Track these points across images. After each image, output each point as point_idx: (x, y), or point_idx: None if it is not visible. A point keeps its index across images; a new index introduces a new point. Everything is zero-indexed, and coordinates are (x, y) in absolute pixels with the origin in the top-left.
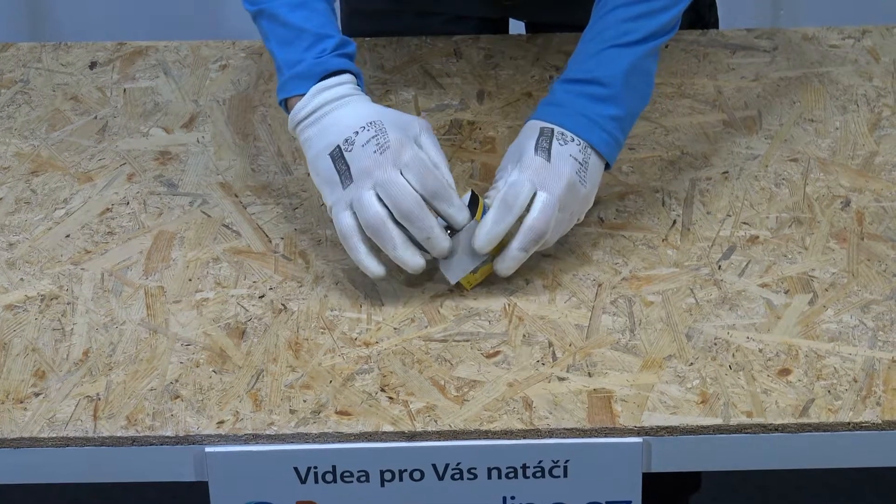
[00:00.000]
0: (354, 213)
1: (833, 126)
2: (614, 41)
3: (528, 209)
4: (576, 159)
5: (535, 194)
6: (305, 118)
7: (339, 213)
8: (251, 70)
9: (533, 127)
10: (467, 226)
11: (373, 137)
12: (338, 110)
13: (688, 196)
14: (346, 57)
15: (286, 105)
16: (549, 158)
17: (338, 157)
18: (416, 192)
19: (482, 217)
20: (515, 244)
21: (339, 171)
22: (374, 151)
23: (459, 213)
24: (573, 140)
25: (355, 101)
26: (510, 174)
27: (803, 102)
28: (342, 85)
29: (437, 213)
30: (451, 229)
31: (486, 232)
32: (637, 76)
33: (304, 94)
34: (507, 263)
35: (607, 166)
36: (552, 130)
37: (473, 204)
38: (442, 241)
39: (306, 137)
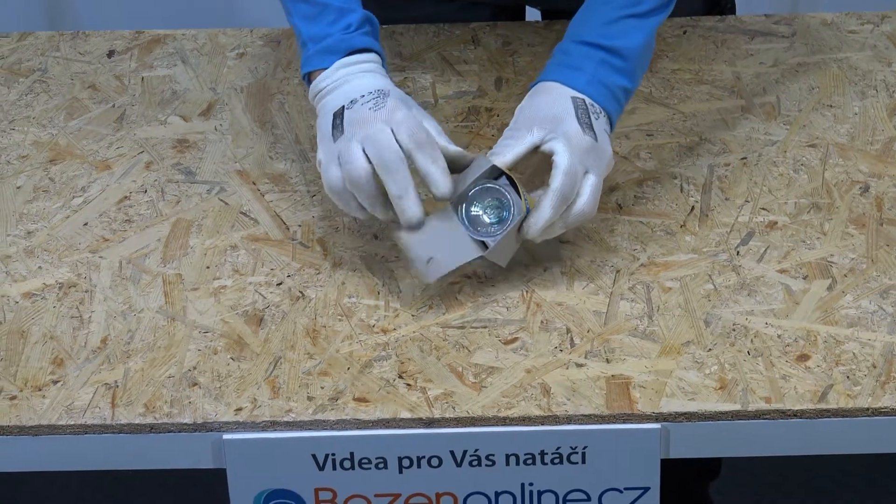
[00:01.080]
0: (341, 166)
1: (852, 111)
2: (629, 10)
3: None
4: (607, 133)
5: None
6: (324, 88)
7: (327, 166)
8: (269, 58)
9: (563, 94)
10: (516, 217)
11: (374, 98)
12: (355, 77)
13: (706, 182)
14: (370, 36)
15: (309, 78)
16: (595, 138)
17: (338, 114)
18: (401, 147)
19: (543, 203)
20: (561, 224)
21: (333, 126)
22: (370, 109)
23: (442, 178)
24: (602, 113)
25: (372, 72)
26: (561, 155)
27: (822, 88)
28: (366, 63)
29: (420, 172)
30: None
31: (546, 220)
32: (646, 53)
33: (327, 68)
34: (547, 235)
35: None
36: (584, 102)
37: (513, 186)
38: (413, 204)
39: (322, 104)
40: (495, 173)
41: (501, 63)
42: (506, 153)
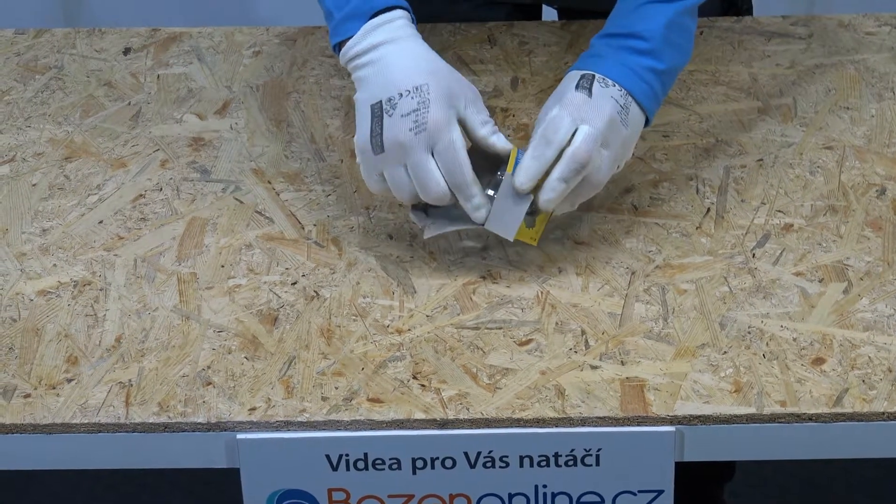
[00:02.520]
0: (384, 179)
1: (869, 114)
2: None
3: (568, 143)
4: (616, 101)
5: (576, 129)
6: (357, 56)
7: (369, 177)
8: (285, 56)
9: (572, 75)
10: (504, 180)
11: (414, 111)
12: (390, 55)
13: (722, 184)
14: None
15: (339, 49)
16: (589, 95)
17: (377, 115)
18: (444, 180)
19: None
20: (555, 174)
21: (372, 133)
22: (411, 130)
23: (477, 212)
24: (614, 85)
25: (408, 45)
26: (550, 111)
27: (839, 90)
28: (393, 22)
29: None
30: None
31: (526, 168)
32: (676, 32)
33: (353, 35)
34: (548, 195)
35: (647, 123)
36: (592, 76)
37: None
38: (478, 210)
39: (358, 77)
40: None
41: (517, 63)
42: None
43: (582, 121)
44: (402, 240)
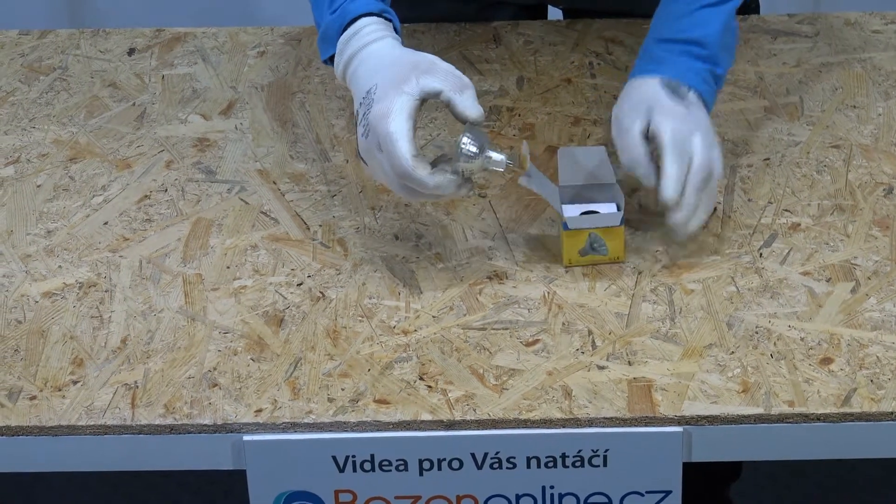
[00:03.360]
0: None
1: (876, 112)
2: (701, 2)
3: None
4: (702, 103)
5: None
6: (343, 77)
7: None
8: (289, 56)
9: (649, 83)
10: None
11: (363, 116)
12: (358, 67)
13: (729, 183)
14: None
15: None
16: (688, 106)
17: (355, 126)
18: (395, 175)
19: (664, 168)
20: (690, 189)
21: (356, 140)
22: (363, 135)
23: (439, 190)
24: (690, 90)
25: (371, 51)
26: (662, 125)
27: (845, 88)
28: (359, 33)
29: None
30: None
31: (675, 180)
32: (729, 35)
33: (334, 54)
34: (686, 212)
35: None
36: (672, 82)
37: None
38: (448, 192)
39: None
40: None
41: (523, 62)
42: (630, 153)
43: (693, 130)
44: (407, 240)
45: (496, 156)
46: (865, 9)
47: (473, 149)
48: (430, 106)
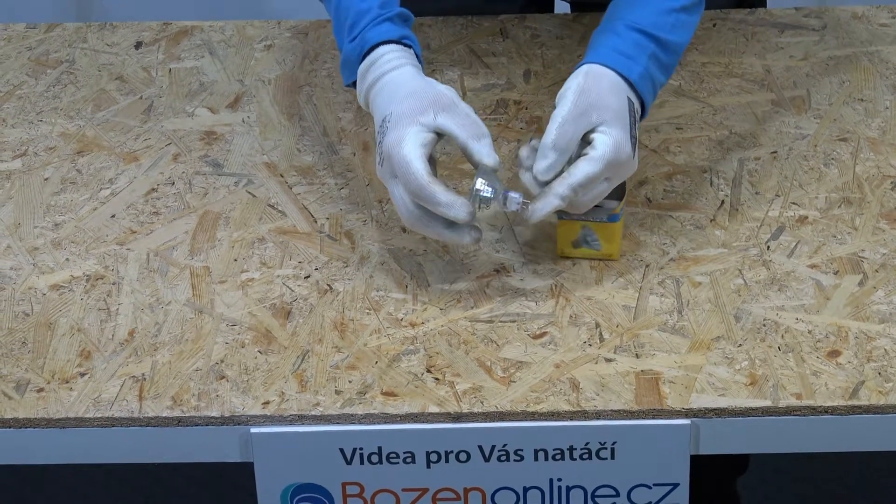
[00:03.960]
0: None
1: (883, 105)
2: (681, 2)
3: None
4: (638, 142)
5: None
6: (366, 105)
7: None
8: (296, 50)
9: (621, 88)
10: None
11: (378, 144)
12: (376, 96)
13: (736, 176)
14: (386, 21)
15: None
16: (634, 154)
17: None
18: (412, 200)
19: (548, 189)
20: (555, 195)
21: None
22: (379, 164)
23: (451, 210)
24: (639, 113)
25: (389, 79)
26: (597, 156)
27: (853, 81)
28: (378, 61)
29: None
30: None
31: (552, 209)
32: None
33: (356, 81)
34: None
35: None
36: (633, 105)
37: None
38: (458, 237)
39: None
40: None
41: (530, 55)
42: (566, 143)
43: (610, 177)
44: (415, 233)
45: (512, 195)
46: (872, 2)
47: (489, 192)
48: None
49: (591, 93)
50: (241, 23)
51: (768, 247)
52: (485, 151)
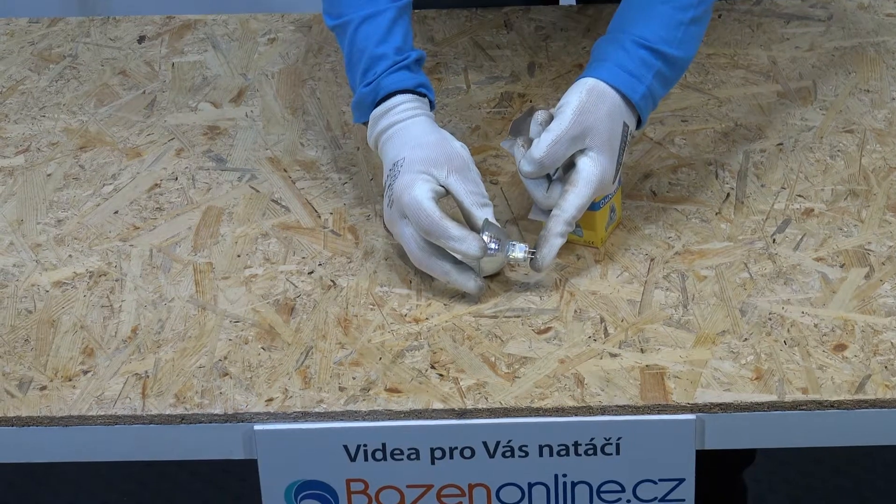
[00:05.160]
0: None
1: (889, 96)
2: (690, 13)
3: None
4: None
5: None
6: (375, 147)
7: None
8: (300, 43)
9: (619, 114)
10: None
11: (388, 187)
12: (387, 143)
13: (741, 168)
14: (403, 69)
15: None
16: (616, 180)
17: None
18: (422, 238)
19: (562, 198)
20: (556, 235)
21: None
22: (388, 206)
23: (462, 244)
24: (630, 138)
25: (403, 130)
26: (581, 189)
27: (859, 73)
28: (392, 110)
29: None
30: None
31: (557, 250)
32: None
33: (367, 122)
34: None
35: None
36: (628, 132)
37: None
38: (464, 280)
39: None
40: None
41: (535, 48)
42: (560, 155)
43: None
44: None
45: (518, 247)
46: None
47: (494, 245)
48: (441, 92)
49: (590, 114)
50: (245, 16)
51: (774, 240)
52: (485, 216)
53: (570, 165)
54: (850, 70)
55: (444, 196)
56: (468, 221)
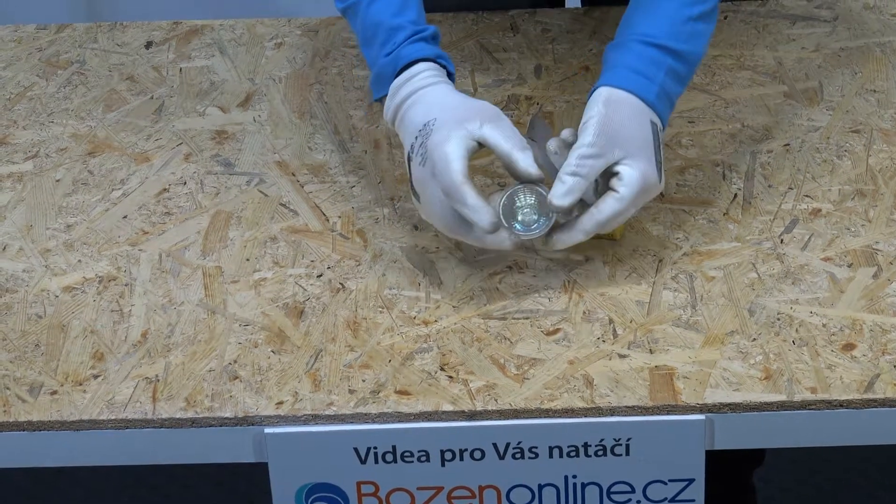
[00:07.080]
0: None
1: (895, 96)
2: (698, 9)
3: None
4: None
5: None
6: (393, 119)
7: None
8: (307, 48)
9: (643, 114)
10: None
11: (420, 146)
12: (411, 108)
13: (749, 169)
14: (421, 41)
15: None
16: (660, 180)
17: (407, 163)
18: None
19: (574, 223)
20: (581, 231)
21: (410, 185)
22: (420, 164)
23: (475, 214)
24: (661, 132)
25: (429, 92)
26: (624, 193)
27: (865, 73)
28: (414, 77)
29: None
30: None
31: (575, 242)
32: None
33: (386, 95)
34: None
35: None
36: (657, 128)
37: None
38: (498, 241)
39: (399, 135)
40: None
41: (541, 50)
42: (586, 173)
43: (637, 204)
44: (427, 230)
45: (542, 221)
46: None
47: (520, 228)
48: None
49: (613, 123)
50: (252, 21)
51: (782, 240)
52: (528, 162)
53: (611, 176)
54: (857, 70)
55: (478, 151)
56: (511, 167)
